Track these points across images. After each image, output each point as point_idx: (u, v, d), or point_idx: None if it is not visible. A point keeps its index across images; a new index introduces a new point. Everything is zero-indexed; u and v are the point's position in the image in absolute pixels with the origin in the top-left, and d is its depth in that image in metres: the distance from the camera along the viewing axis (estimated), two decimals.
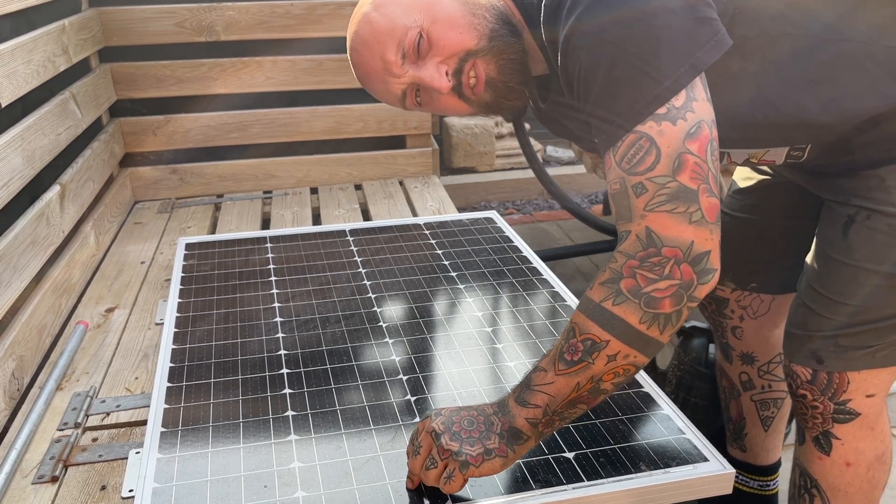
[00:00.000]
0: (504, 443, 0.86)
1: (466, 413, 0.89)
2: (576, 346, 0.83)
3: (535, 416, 0.85)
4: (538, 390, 0.85)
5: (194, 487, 0.94)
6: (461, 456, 0.85)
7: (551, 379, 0.84)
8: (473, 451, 0.86)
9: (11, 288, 1.33)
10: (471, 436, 0.87)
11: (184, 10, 2.13)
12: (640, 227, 0.81)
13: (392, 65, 0.97)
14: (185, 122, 2.23)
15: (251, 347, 1.25)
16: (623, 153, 0.82)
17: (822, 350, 1.06)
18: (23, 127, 1.49)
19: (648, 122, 0.80)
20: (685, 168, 0.80)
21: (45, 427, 1.16)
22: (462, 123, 3.53)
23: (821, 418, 1.10)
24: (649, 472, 0.94)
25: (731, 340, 1.39)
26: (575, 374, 0.83)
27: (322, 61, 2.26)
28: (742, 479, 1.47)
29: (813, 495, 1.16)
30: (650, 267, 0.80)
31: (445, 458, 0.86)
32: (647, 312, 0.80)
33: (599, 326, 0.82)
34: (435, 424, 0.88)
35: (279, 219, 2.05)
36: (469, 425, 0.87)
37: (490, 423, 0.87)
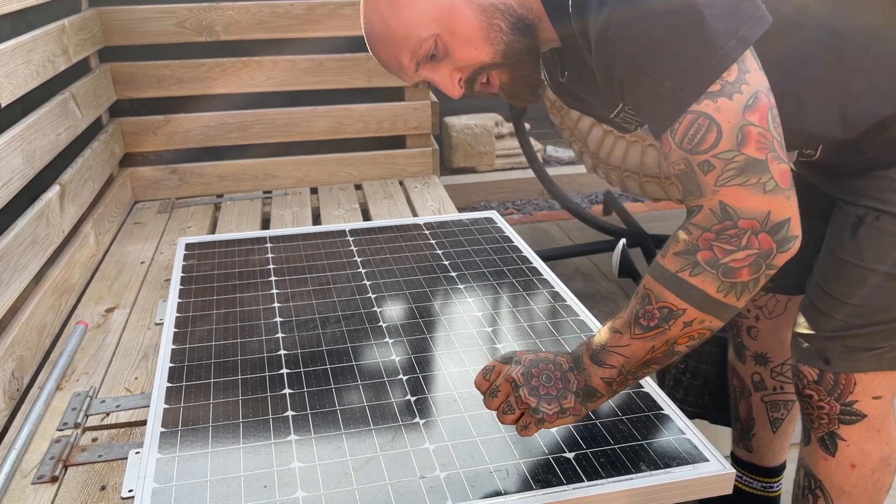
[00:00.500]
0: (579, 401, 0.90)
1: (545, 366, 0.91)
2: (652, 313, 0.85)
3: (610, 375, 0.88)
4: (613, 352, 0.87)
5: (194, 487, 0.94)
6: (538, 413, 0.89)
7: (627, 342, 0.86)
8: (550, 409, 0.89)
9: (11, 288, 1.33)
10: (548, 393, 0.89)
11: (184, 10, 2.13)
12: (714, 202, 0.81)
13: (405, 68, 0.98)
14: (185, 122, 2.23)
15: (251, 347, 1.25)
16: (682, 134, 0.82)
17: (829, 350, 1.06)
18: (23, 127, 1.49)
19: (704, 101, 0.80)
20: (749, 140, 0.79)
21: (44, 427, 1.16)
22: (462, 123, 3.53)
23: (827, 419, 1.10)
24: (649, 472, 0.94)
25: (745, 340, 1.38)
26: (651, 339, 0.85)
27: (322, 61, 2.26)
28: (745, 479, 1.47)
29: (817, 496, 1.16)
30: (727, 239, 0.81)
31: (523, 409, 0.90)
32: (724, 282, 0.81)
33: (676, 295, 0.83)
34: (515, 375, 0.90)
35: (279, 219, 2.05)
36: (547, 381, 0.90)
37: (566, 380, 0.90)
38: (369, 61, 2.29)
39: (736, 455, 1.49)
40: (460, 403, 1.09)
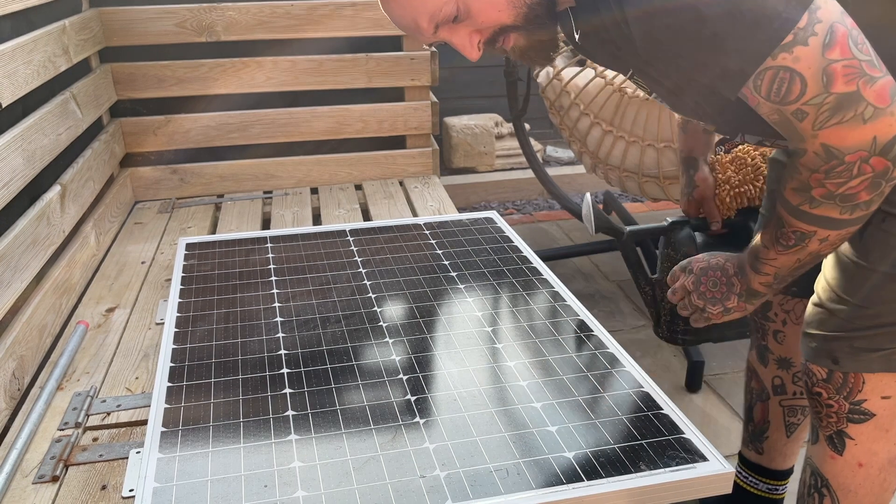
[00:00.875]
0: (743, 301, 1.06)
1: (713, 273, 1.08)
2: (787, 235, 0.95)
3: (767, 281, 1.02)
4: (766, 263, 1.00)
5: (195, 487, 0.94)
6: (704, 313, 1.08)
7: (774, 256, 0.98)
8: (715, 309, 1.08)
9: (12, 288, 1.33)
10: (714, 297, 1.07)
11: (184, 10, 2.14)
12: (815, 145, 0.83)
13: (423, 30, 0.96)
14: (186, 123, 2.23)
15: (251, 347, 1.26)
16: (767, 89, 0.83)
17: (837, 351, 1.06)
18: (23, 127, 1.49)
19: (780, 54, 0.80)
20: (836, 78, 0.80)
21: (45, 427, 1.16)
22: (462, 124, 3.53)
23: (835, 417, 1.10)
24: (649, 471, 0.94)
25: (770, 343, 1.38)
26: (795, 253, 0.96)
27: (322, 61, 2.26)
28: (751, 480, 1.46)
29: (823, 495, 1.16)
30: (836, 175, 0.84)
31: (693, 309, 1.10)
32: (845, 206, 0.87)
33: (804, 223, 0.92)
34: (686, 283, 1.10)
35: (279, 219, 2.06)
36: (713, 286, 1.08)
37: (731, 283, 1.06)
38: (369, 61, 2.29)
39: (745, 456, 1.48)
40: (460, 403, 1.09)
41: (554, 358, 1.20)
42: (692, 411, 1.89)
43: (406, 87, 2.36)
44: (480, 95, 3.68)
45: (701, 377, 1.98)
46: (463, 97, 3.62)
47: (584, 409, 1.07)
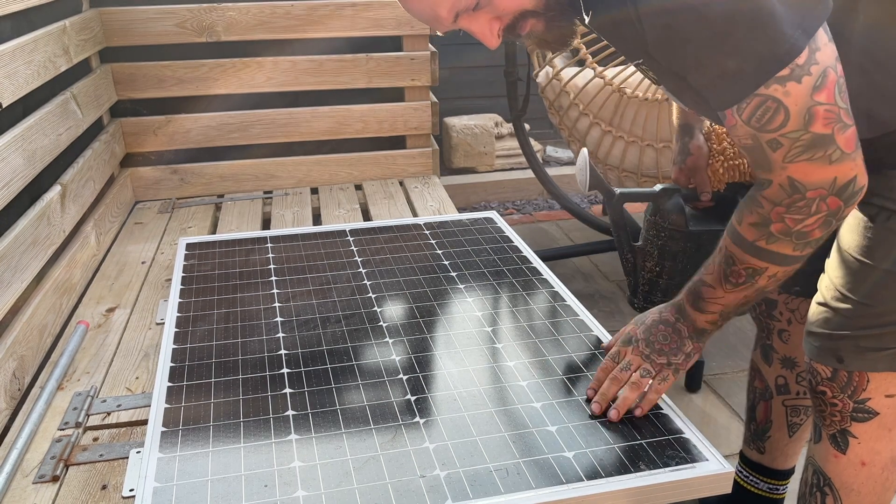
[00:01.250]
0: (695, 342, 1.06)
1: (657, 330, 1.07)
2: (738, 272, 0.97)
3: (713, 319, 1.03)
4: (712, 301, 1.01)
5: (195, 487, 0.94)
6: (671, 366, 1.05)
7: (721, 294, 1.00)
8: (678, 359, 1.06)
9: (12, 288, 1.34)
10: (671, 348, 1.06)
11: (184, 10, 2.14)
12: (782, 177, 0.87)
13: (443, 20, 0.95)
14: (186, 123, 2.23)
15: (251, 347, 1.26)
16: (750, 113, 0.85)
17: (842, 350, 1.06)
18: (24, 127, 1.49)
19: (773, 85, 0.83)
20: (817, 119, 0.83)
21: (45, 427, 1.16)
22: (462, 124, 3.53)
23: (839, 416, 1.10)
24: (649, 471, 0.94)
25: (775, 343, 1.38)
26: (742, 290, 0.98)
27: (322, 62, 2.26)
28: (752, 479, 1.46)
29: (825, 493, 1.16)
30: (797, 210, 0.88)
31: (658, 369, 1.05)
32: (798, 243, 0.91)
33: (756, 259, 0.94)
34: (640, 349, 1.06)
35: (279, 219, 2.06)
36: (665, 340, 1.06)
37: (678, 331, 1.06)
38: (369, 61, 2.29)
39: (746, 455, 1.48)
40: (460, 403, 1.09)
41: (554, 358, 1.20)
42: (692, 411, 1.89)
43: (406, 87, 2.36)
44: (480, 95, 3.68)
45: (701, 377, 1.98)
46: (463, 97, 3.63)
47: (584, 409, 1.07)
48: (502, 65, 2.65)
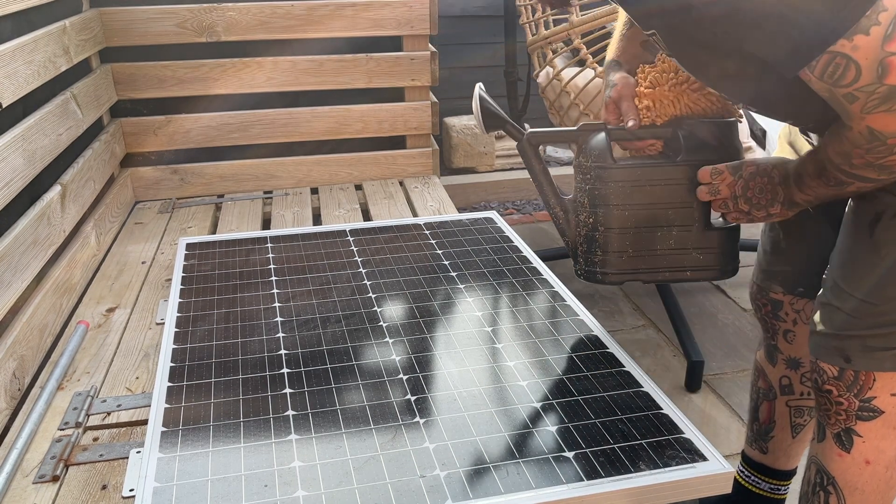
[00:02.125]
0: (784, 208, 1.08)
1: (760, 180, 1.09)
2: (829, 177, 0.99)
3: (808, 200, 1.06)
4: (809, 187, 1.03)
5: (195, 487, 0.94)
6: (749, 216, 1.10)
7: (816, 185, 1.02)
8: (759, 214, 1.10)
9: (12, 288, 1.34)
10: (759, 202, 1.09)
11: (185, 10, 2.14)
12: (861, 126, 0.88)
13: None
14: (186, 123, 2.23)
15: (252, 347, 1.26)
16: (822, 71, 0.85)
17: (849, 349, 1.06)
18: (24, 127, 1.49)
19: (839, 40, 0.82)
20: (891, 70, 0.82)
21: (45, 426, 1.16)
22: (462, 124, 3.53)
23: (844, 415, 1.10)
24: (649, 471, 0.94)
25: (780, 343, 1.38)
26: (834, 189, 1.01)
27: (322, 62, 2.26)
28: (754, 479, 1.46)
29: (829, 492, 1.16)
30: (877, 153, 0.90)
31: (736, 211, 1.11)
32: (882, 171, 0.93)
33: (843, 176, 0.96)
34: (736, 188, 1.10)
35: (280, 219, 2.06)
36: (760, 192, 1.09)
37: (776, 192, 1.07)
38: (369, 61, 2.29)
39: (748, 455, 1.48)
40: (460, 403, 1.09)
41: (554, 358, 1.20)
42: (692, 411, 1.89)
43: (406, 87, 2.36)
44: None
45: (701, 377, 1.98)
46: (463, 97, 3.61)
47: (584, 409, 1.07)
48: (502, 65, 2.66)
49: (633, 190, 1.20)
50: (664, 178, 1.20)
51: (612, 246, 1.22)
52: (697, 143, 1.19)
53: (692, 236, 1.21)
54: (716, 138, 1.20)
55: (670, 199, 1.20)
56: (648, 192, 1.20)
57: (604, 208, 1.22)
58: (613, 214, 1.21)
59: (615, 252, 1.22)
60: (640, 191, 1.20)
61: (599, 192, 1.21)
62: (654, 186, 1.20)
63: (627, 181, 1.20)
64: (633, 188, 1.20)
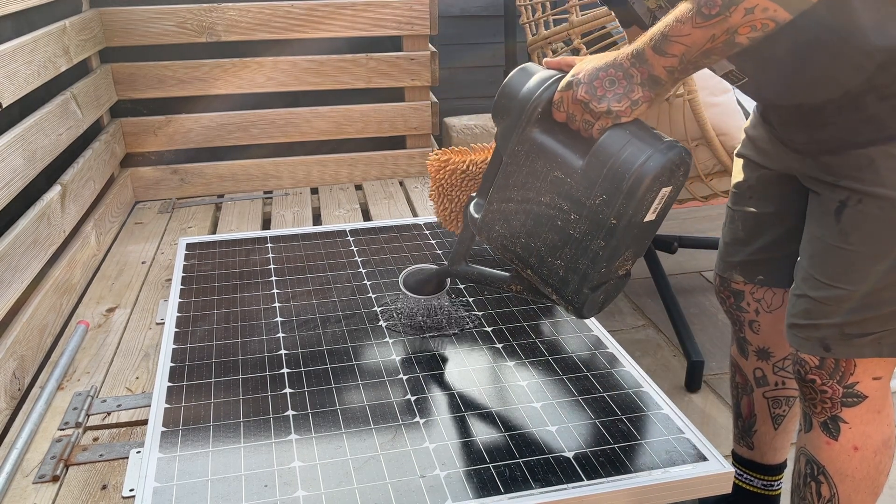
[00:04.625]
0: (646, 90, 0.94)
1: (605, 73, 0.95)
2: (714, 1, 0.86)
3: (672, 64, 0.92)
4: (675, 41, 0.90)
5: (195, 487, 0.94)
6: (612, 114, 0.94)
7: (688, 31, 0.89)
8: (622, 105, 0.94)
9: (12, 288, 1.34)
10: (616, 93, 0.94)
11: (185, 10, 2.14)
12: None
13: None
14: (186, 123, 2.23)
15: (252, 347, 1.26)
16: None
17: (828, 338, 1.07)
18: (24, 127, 1.49)
19: None
20: None
21: (46, 426, 1.16)
22: (462, 124, 3.53)
23: (829, 403, 1.11)
24: (649, 471, 0.94)
25: (748, 335, 1.39)
26: (711, 27, 0.87)
27: (322, 62, 2.26)
28: (746, 477, 1.47)
29: (820, 482, 1.16)
30: None
31: (597, 118, 0.95)
32: None
33: None
34: (580, 94, 0.95)
35: (280, 219, 2.06)
36: (611, 85, 0.95)
37: (630, 76, 0.94)
38: (369, 61, 2.29)
39: (737, 453, 1.49)
40: (460, 403, 1.09)
41: (554, 358, 1.21)
42: (692, 411, 1.89)
43: (406, 87, 2.36)
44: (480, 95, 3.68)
45: (701, 377, 1.98)
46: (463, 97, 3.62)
47: (584, 409, 1.07)
48: (502, 65, 2.66)
49: (507, 219, 1.05)
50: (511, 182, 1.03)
51: (547, 278, 1.02)
52: None
53: (576, 187, 0.98)
54: None
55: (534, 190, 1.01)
56: (517, 207, 1.03)
57: (516, 258, 1.05)
58: (520, 255, 1.04)
59: (553, 279, 1.03)
60: (511, 213, 1.04)
61: (500, 252, 1.08)
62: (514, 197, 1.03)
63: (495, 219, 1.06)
64: (506, 219, 1.05)
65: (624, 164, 0.93)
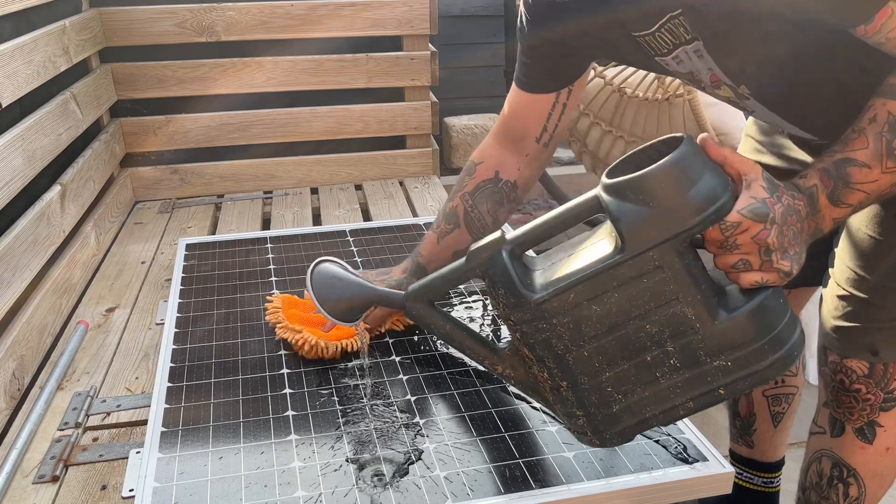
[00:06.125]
0: (805, 244, 0.79)
1: (791, 221, 0.76)
2: None
3: (843, 215, 0.80)
4: (857, 189, 0.78)
5: (194, 487, 0.94)
6: (788, 276, 0.77)
7: (876, 177, 0.77)
8: (795, 269, 0.78)
9: (12, 288, 1.34)
10: (795, 251, 0.77)
11: (184, 10, 2.14)
12: None
13: None
14: (186, 123, 2.23)
15: (251, 347, 1.26)
16: None
17: (878, 342, 1.04)
18: (23, 127, 1.49)
19: None
20: None
21: (45, 427, 1.16)
22: (462, 124, 3.53)
23: (869, 409, 1.09)
24: (649, 471, 0.94)
25: None
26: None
27: (322, 62, 2.26)
28: (746, 476, 1.47)
29: (849, 484, 1.15)
30: None
31: (769, 271, 0.76)
32: None
33: None
34: (771, 237, 0.75)
35: (279, 219, 2.06)
36: (794, 238, 0.77)
37: (802, 230, 0.78)
38: (369, 61, 2.29)
39: (735, 452, 1.49)
40: (460, 403, 1.09)
41: None
42: None
43: (406, 87, 2.36)
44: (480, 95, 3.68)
45: None
46: (463, 97, 3.63)
47: None
48: (502, 65, 2.66)
49: (579, 319, 0.81)
50: (616, 284, 0.78)
51: (591, 401, 0.85)
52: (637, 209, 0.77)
53: (701, 340, 0.78)
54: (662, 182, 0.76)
55: (639, 309, 0.79)
56: (603, 314, 0.80)
57: (553, 358, 0.84)
58: (568, 363, 0.83)
59: (598, 407, 0.85)
60: (590, 316, 0.80)
61: (535, 340, 0.84)
62: (607, 301, 0.79)
63: (564, 311, 0.81)
64: (578, 318, 0.81)
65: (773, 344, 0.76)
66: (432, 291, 0.92)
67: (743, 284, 0.77)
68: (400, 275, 1.26)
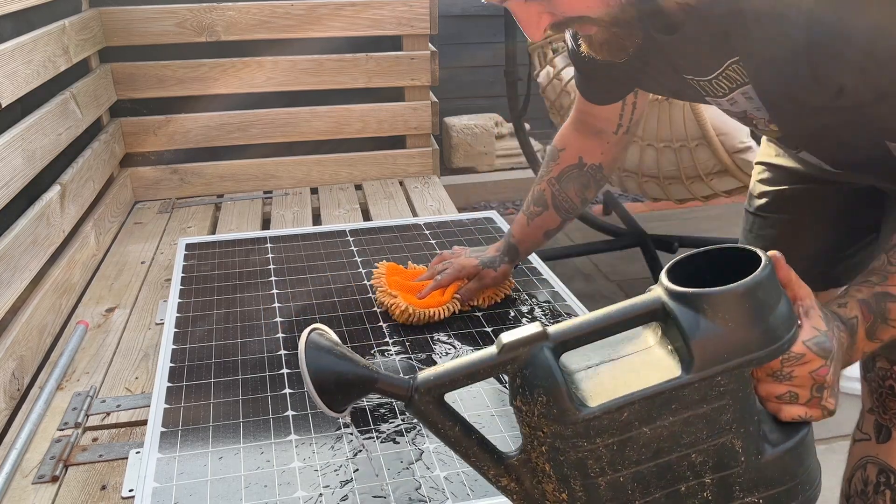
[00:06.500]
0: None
1: (839, 364, 0.73)
2: None
3: (873, 349, 0.79)
4: (894, 326, 0.77)
5: (194, 487, 0.94)
6: (832, 414, 0.73)
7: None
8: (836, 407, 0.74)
9: (12, 288, 1.33)
10: (839, 389, 0.74)
11: (184, 10, 2.13)
12: None
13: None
14: (186, 122, 2.23)
15: (251, 347, 1.26)
16: None
17: None
18: (23, 127, 1.49)
19: None
20: None
21: (45, 427, 1.16)
22: (462, 124, 3.53)
23: None
24: None
25: None
26: None
27: (322, 61, 2.26)
28: None
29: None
30: None
31: (814, 406, 0.72)
32: None
33: None
34: (829, 376, 0.71)
35: (279, 219, 2.06)
36: (839, 377, 0.74)
37: (843, 363, 0.76)
38: (369, 61, 2.29)
39: None
40: (460, 403, 1.09)
41: None
42: None
43: (406, 87, 2.36)
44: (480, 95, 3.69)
45: None
46: (463, 97, 3.63)
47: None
48: (502, 65, 2.66)
49: (625, 442, 0.70)
50: (676, 407, 0.69)
51: None
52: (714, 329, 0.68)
53: (741, 475, 0.71)
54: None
55: (691, 436, 0.70)
56: (652, 437, 0.70)
57: (581, 479, 0.72)
58: (598, 487, 0.72)
59: None
60: (638, 438, 0.70)
61: (567, 458, 0.71)
62: (661, 425, 0.70)
63: (612, 430, 0.70)
64: (624, 440, 0.70)
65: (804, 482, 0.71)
66: (447, 385, 0.77)
67: (783, 417, 0.72)
68: (493, 252, 1.36)
